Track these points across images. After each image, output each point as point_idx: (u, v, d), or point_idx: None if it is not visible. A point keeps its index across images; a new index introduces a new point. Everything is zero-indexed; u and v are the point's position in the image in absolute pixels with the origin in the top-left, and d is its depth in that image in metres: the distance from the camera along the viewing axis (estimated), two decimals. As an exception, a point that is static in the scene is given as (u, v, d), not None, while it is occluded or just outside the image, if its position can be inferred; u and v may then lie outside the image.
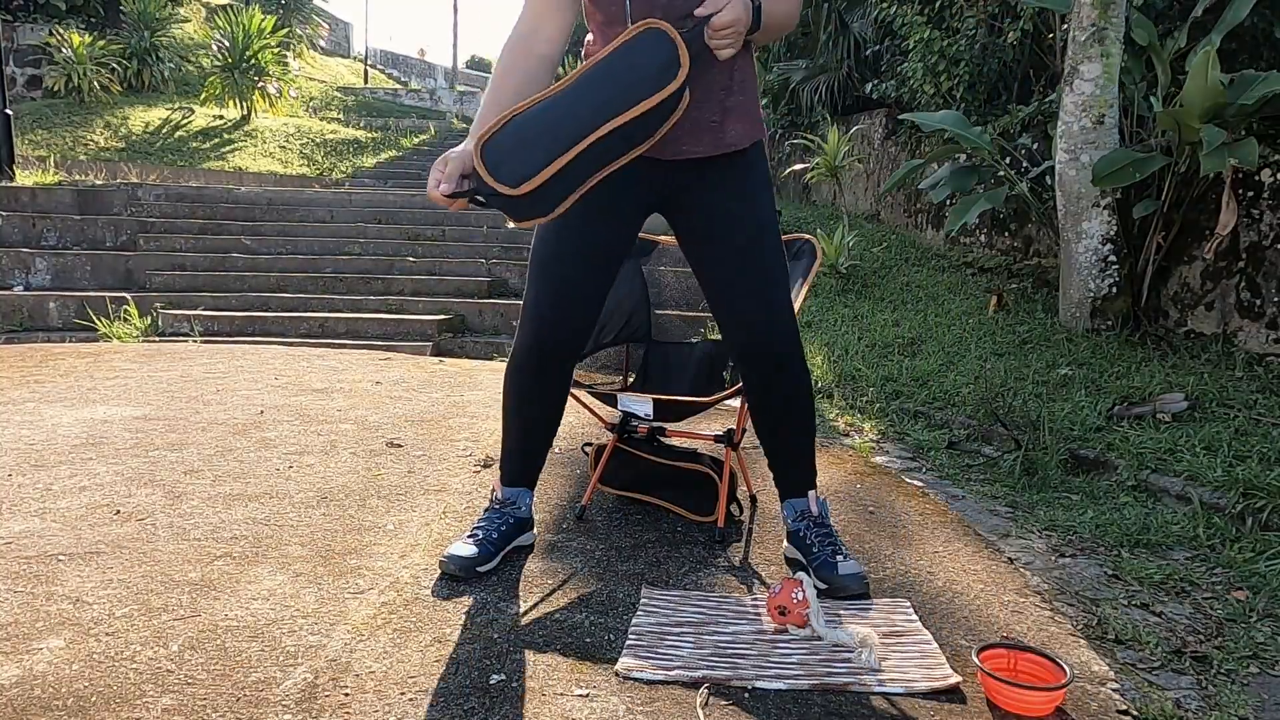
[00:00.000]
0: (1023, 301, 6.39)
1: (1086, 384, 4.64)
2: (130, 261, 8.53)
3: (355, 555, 2.46)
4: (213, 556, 2.40)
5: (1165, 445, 3.80)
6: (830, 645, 2.04)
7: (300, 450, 3.41)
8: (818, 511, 2.49)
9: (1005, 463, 3.91)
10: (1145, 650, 2.30)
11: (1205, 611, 2.55)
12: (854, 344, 5.86)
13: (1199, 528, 3.10)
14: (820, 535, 2.43)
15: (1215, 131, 4.58)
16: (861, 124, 10.46)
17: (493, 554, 2.40)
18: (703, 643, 2.04)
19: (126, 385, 4.46)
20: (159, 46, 17.55)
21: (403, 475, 3.17)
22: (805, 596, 2.07)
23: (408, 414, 4.06)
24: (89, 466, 3.12)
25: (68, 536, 2.50)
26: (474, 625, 2.09)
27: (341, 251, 9.13)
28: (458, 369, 5.33)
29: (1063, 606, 2.50)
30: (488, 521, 2.46)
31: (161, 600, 2.14)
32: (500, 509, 2.49)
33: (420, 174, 16.40)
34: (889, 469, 3.71)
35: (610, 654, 1.99)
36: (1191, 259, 5.31)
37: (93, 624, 2.01)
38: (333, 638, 2.00)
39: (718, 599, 2.28)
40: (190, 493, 2.89)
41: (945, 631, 2.16)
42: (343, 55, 30.86)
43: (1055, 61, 7.18)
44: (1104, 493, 3.57)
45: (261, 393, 4.37)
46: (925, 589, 2.41)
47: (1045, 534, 3.16)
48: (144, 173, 12.03)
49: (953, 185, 6.56)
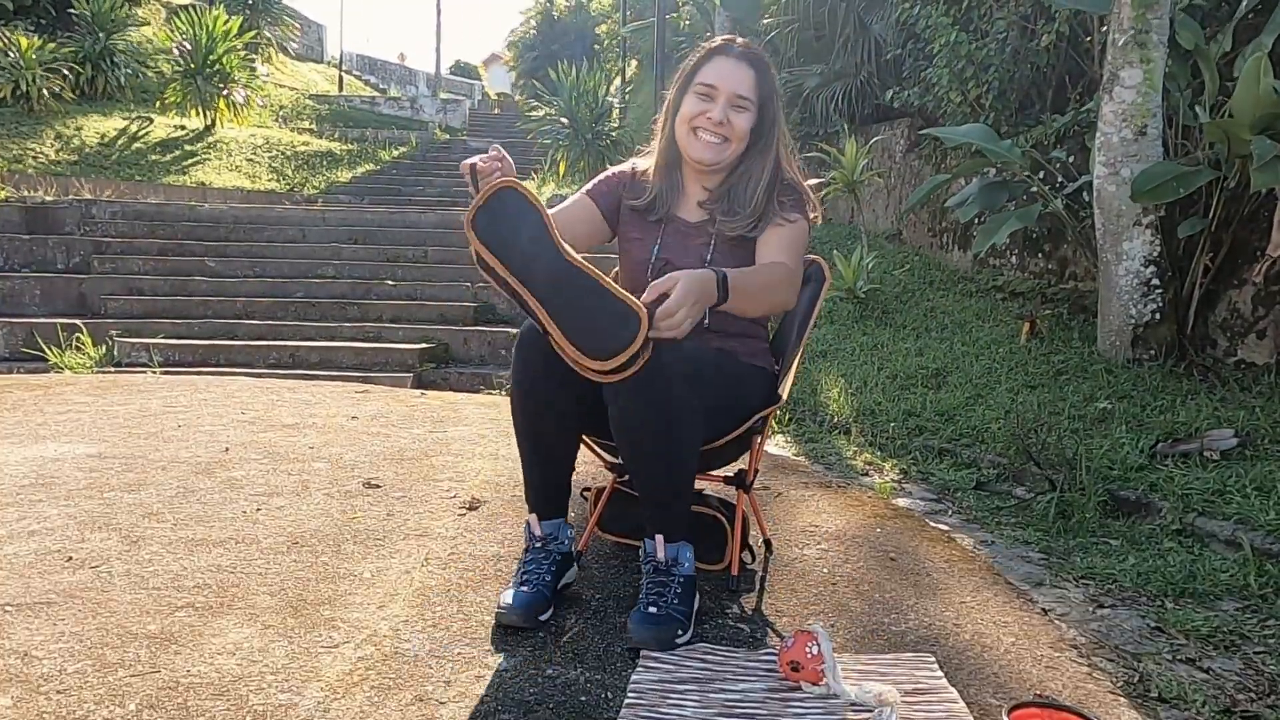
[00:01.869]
0: (1057, 329, 6.43)
1: (1127, 419, 4.67)
2: (83, 285, 8.59)
3: (329, 605, 2.48)
4: (174, 607, 2.42)
5: (1213, 486, 3.82)
6: (847, 704, 2.05)
7: (269, 491, 3.43)
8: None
9: (1039, 505, 3.93)
10: (1191, 709, 2.31)
11: (1257, 667, 2.56)
12: (873, 375, 5.89)
13: (1250, 576, 3.12)
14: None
15: (1267, 144, 4.62)
16: (882, 135, 10.53)
17: (549, 598, 2.46)
18: (709, 701, 2.06)
19: (79, 420, 4.48)
20: (115, 50, 17.66)
21: (381, 518, 3.19)
22: (820, 651, 2.09)
23: (386, 452, 4.08)
24: (38, 509, 3.15)
25: (15, 585, 2.52)
26: (459, 682, 2.11)
27: (314, 274, 9.18)
28: (441, 402, 5.36)
29: (1101, 662, 2.51)
30: (535, 563, 2.51)
31: (118, 655, 2.15)
32: (543, 547, 2.55)
33: (400, 189, 16.50)
34: (912, 511, 3.74)
35: (608, 713, 2.01)
36: (1241, 282, 5.35)
37: (42, 680, 2.03)
38: (305, 695, 2.02)
39: (725, 653, 2.30)
40: (149, 537, 2.91)
41: (973, 689, 2.18)
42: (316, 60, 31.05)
43: (1093, 67, 7.26)
44: (1146, 538, 3.59)
45: (227, 428, 4.40)
46: (951, 642, 2.43)
47: (1082, 583, 3.17)
48: (98, 188, 12.10)
49: (981, 202, 6.62)
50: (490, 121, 27.58)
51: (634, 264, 2.77)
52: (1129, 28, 5.40)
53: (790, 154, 2.77)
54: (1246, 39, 5.55)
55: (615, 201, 2.81)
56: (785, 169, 2.73)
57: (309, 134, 19.80)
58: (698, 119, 2.63)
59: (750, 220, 2.65)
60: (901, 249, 9.71)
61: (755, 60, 2.67)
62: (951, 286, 8.06)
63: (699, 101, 2.64)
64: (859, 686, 2.07)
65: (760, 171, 2.67)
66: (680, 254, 2.69)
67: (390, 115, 24.74)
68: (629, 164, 2.90)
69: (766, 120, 2.68)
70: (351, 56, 34.24)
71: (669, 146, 2.76)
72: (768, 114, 2.68)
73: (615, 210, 2.82)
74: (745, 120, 2.64)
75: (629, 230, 2.81)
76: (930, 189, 6.90)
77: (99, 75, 17.48)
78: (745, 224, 2.66)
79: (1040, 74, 8.03)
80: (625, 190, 2.82)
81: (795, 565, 2.92)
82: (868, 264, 7.82)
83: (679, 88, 2.71)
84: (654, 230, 2.76)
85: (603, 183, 2.84)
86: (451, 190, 16.15)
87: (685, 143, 2.69)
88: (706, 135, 2.64)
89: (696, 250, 2.70)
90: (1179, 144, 5.87)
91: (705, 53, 2.70)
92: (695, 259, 2.67)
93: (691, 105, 2.65)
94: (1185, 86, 5.76)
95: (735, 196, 2.69)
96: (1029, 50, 7.89)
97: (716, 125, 2.62)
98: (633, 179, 2.83)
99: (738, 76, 2.63)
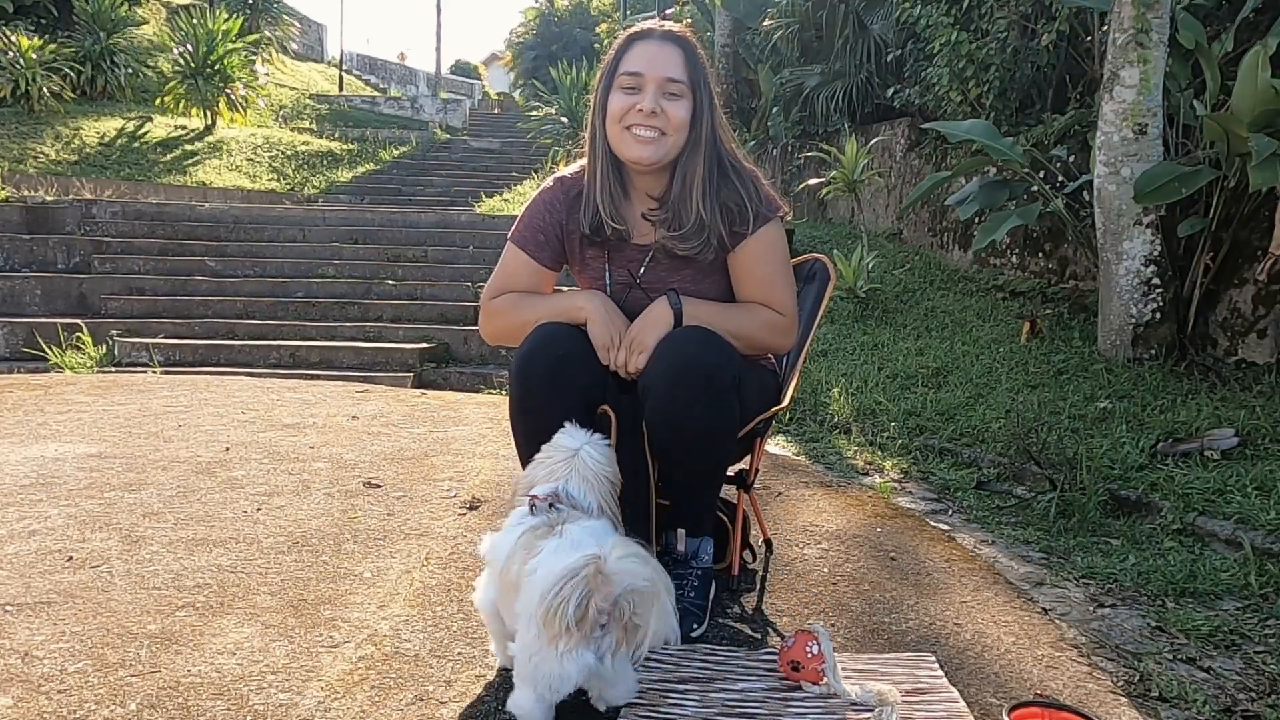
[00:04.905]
0: (1058, 328, 6.43)
1: (1128, 418, 4.67)
2: (84, 285, 8.59)
3: (329, 605, 2.48)
4: (174, 607, 2.42)
5: (1214, 485, 3.82)
6: (848, 704, 2.05)
7: (269, 491, 3.44)
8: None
9: (1039, 504, 3.93)
10: (1192, 709, 2.31)
11: (1257, 667, 2.56)
12: (873, 375, 5.89)
13: (1250, 575, 3.12)
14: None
15: (1266, 142, 4.62)
16: (882, 135, 10.54)
17: None
18: (709, 700, 2.06)
19: (80, 420, 4.49)
20: (115, 50, 17.70)
21: (381, 518, 3.19)
22: (821, 650, 2.09)
23: (387, 451, 4.08)
24: (39, 509, 3.15)
25: (16, 585, 2.52)
26: (459, 682, 2.11)
27: (315, 274, 9.19)
28: (441, 402, 5.36)
29: (1102, 661, 2.51)
30: None
31: (118, 654, 2.16)
32: None
33: (401, 189, 16.51)
34: (912, 511, 3.74)
35: (609, 711, 2.01)
36: (1242, 282, 5.35)
37: (43, 680, 2.03)
38: (305, 695, 2.02)
39: (726, 653, 2.30)
40: (149, 537, 2.91)
41: (974, 688, 2.18)
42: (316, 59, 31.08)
43: (1094, 66, 7.26)
44: (1147, 537, 3.59)
45: (227, 428, 4.40)
46: (952, 642, 2.43)
47: (1083, 582, 3.18)
48: (99, 188, 12.11)
49: (981, 201, 6.62)
50: (491, 121, 27.60)
51: (592, 284, 2.61)
52: (1129, 27, 5.40)
53: (734, 144, 2.55)
54: (1249, 38, 5.55)
55: (558, 245, 2.59)
56: (732, 161, 2.50)
57: (309, 134, 19.82)
58: (628, 115, 2.38)
59: (698, 241, 2.43)
60: (902, 248, 9.71)
61: (680, 40, 2.43)
62: (952, 286, 8.07)
63: (625, 96, 2.39)
64: (859, 686, 2.07)
65: (696, 169, 2.43)
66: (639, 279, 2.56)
67: (390, 115, 24.76)
68: (555, 184, 2.61)
69: (699, 108, 2.42)
70: (352, 56, 34.25)
71: (603, 155, 2.48)
72: (700, 101, 2.42)
73: (560, 254, 2.60)
74: (681, 108, 2.39)
75: (580, 256, 2.62)
76: (930, 187, 6.90)
77: (99, 75, 17.50)
78: (693, 245, 2.44)
79: (1041, 73, 8.03)
80: (566, 222, 2.58)
81: (795, 565, 2.92)
82: (868, 263, 7.83)
83: (602, 85, 2.46)
84: (603, 253, 2.57)
85: (536, 231, 2.57)
86: (451, 190, 16.17)
87: (619, 144, 2.43)
88: (640, 130, 2.38)
89: (654, 275, 2.54)
90: (1180, 143, 5.87)
91: (624, 40, 2.46)
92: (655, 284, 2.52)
93: (619, 101, 2.40)
94: (1186, 85, 5.76)
95: (678, 209, 2.44)
96: (1029, 49, 7.89)
97: (649, 117, 2.36)
98: (568, 204, 2.57)
99: (663, 59, 2.39)
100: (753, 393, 2.59)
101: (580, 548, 1.78)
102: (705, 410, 2.29)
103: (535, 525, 1.95)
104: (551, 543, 1.85)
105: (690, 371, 2.26)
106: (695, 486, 2.49)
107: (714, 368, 2.27)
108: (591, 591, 1.69)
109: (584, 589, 1.69)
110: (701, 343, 2.29)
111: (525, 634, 1.78)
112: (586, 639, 1.71)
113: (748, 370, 2.58)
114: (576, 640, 1.70)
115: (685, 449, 2.37)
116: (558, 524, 1.92)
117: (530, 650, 1.76)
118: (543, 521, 1.95)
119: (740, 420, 2.50)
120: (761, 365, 2.73)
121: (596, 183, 2.49)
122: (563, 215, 2.57)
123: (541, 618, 1.71)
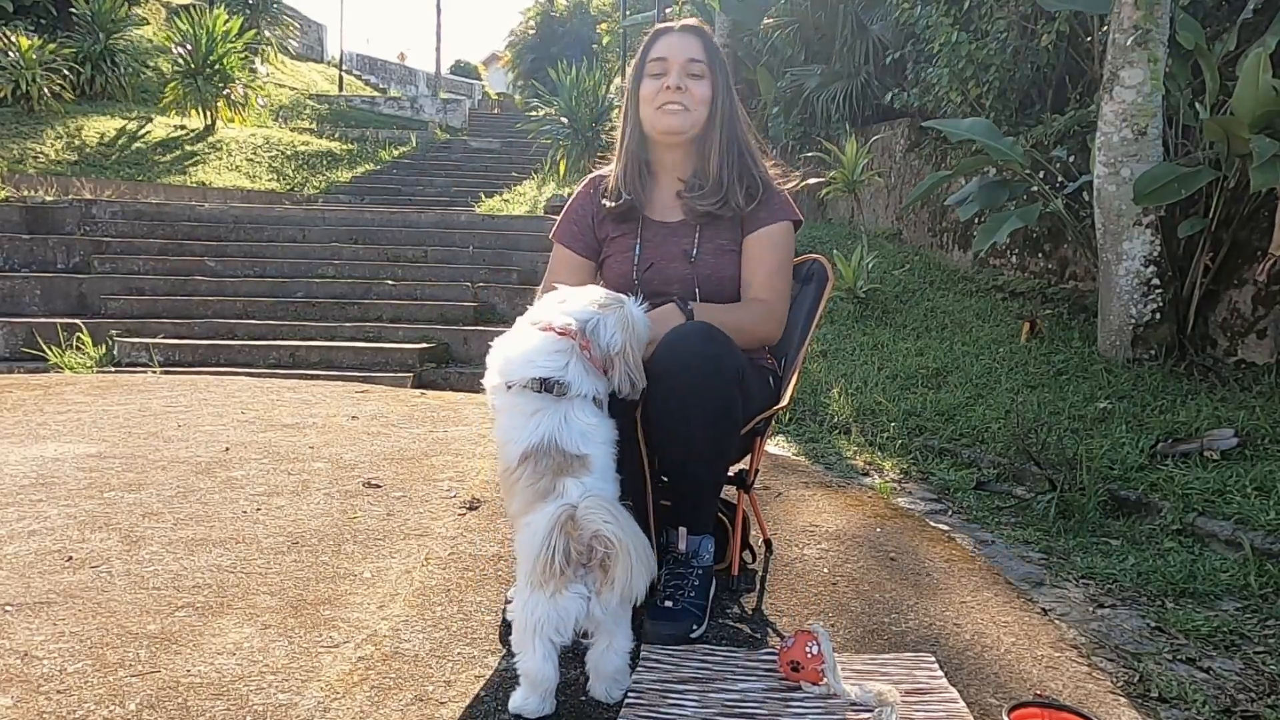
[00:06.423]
0: (1058, 329, 6.43)
1: (1127, 419, 4.67)
2: (84, 285, 8.59)
3: (329, 605, 2.48)
4: (173, 607, 2.42)
5: (1214, 486, 3.83)
6: (848, 704, 2.05)
7: (269, 491, 3.44)
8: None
9: (1039, 505, 3.93)
10: (1192, 709, 2.31)
11: (1257, 667, 2.57)
12: (873, 375, 5.89)
13: (1250, 576, 3.12)
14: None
15: (1266, 143, 4.62)
16: (882, 135, 10.54)
17: None
18: (709, 701, 2.06)
19: (80, 420, 4.48)
20: (115, 50, 17.68)
21: (381, 518, 3.19)
22: (821, 650, 2.09)
23: (386, 451, 4.08)
24: (38, 509, 3.15)
25: (15, 585, 2.52)
26: (459, 682, 2.11)
27: (314, 274, 9.18)
28: (441, 402, 5.36)
29: (1101, 661, 2.52)
30: None
31: (118, 655, 2.16)
32: None
33: (400, 189, 16.51)
34: (911, 511, 3.74)
35: (607, 712, 2.01)
36: (1242, 282, 5.35)
37: (43, 680, 2.03)
38: (305, 695, 2.02)
39: (725, 653, 2.30)
40: (149, 537, 2.91)
41: (973, 689, 2.18)
42: (316, 59, 31.06)
43: (1094, 67, 7.26)
44: (1146, 537, 3.59)
45: (227, 428, 4.40)
46: (951, 642, 2.43)
47: (1082, 582, 3.18)
48: (99, 188, 12.10)
49: (982, 201, 6.62)
50: (490, 121, 27.57)
51: (617, 275, 2.76)
52: (1130, 27, 5.40)
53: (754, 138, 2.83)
54: (1250, 39, 5.55)
55: (590, 236, 2.82)
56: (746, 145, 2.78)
57: (309, 134, 19.81)
58: (659, 95, 2.69)
59: (716, 198, 2.70)
60: (902, 249, 9.71)
61: (698, 31, 2.77)
62: (952, 286, 8.07)
63: (654, 80, 2.71)
64: (859, 686, 2.08)
65: (715, 140, 2.73)
66: (662, 256, 2.72)
67: (390, 115, 24.76)
68: (588, 182, 2.90)
69: (717, 88, 2.73)
70: (352, 56, 34.24)
71: (636, 139, 2.79)
72: (718, 82, 2.73)
73: (594, 244, 2.83)
74: (703, 86, 2.71)
75: (610, 243, 2.81)
76: (930, 186, 6.90)
77: (99, 75, 17.49)
78: (712, 201, 2.70)
79: (1041, 74, 8.04)
80: (596, 212, 2.82)
81: (795, 565, 2.92)
82: (868, 264, 7.82)
83: (634, 76, 2.78)
84: (632, 236, 2.77)
85: (570, 223, 2.85)
86: (451, 190, 16.17)
87: (651, 121, 2.73)
88: (669, 105, 2.69)
89: (679, 249, 2.73)
90: (1180, 144, 5.87)
91: (650, 35, 2.80)
92: (679, 258, 2.71)
93: (649, 86, 2.72)
94: (1186, 86, 5.76)
95: (700, 176, 2.75)
96: (1029, 50, 7.89)
97: (675, 92, 2.67)
98: (597, 197, 2.84)
99: (684, 45, 2.71)
100: (753, 391, 2.61)
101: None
102: (710, 401, 2.34)
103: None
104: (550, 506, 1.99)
105: (697, 362, 2.33)
106: (697, 481, 2.51)
107: (718, 359, 2.34)
108: (568, 538, 1.91)
109: (564, 538, 1.91)
110: (706, 337, 2.36)
111: (521, 592, 1.97)
112: (572, 579, 1.91)
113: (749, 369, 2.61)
114: (565, 580, 1.90)
115: (688, 441, 2.40)
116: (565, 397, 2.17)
117: (529, 605, 1.93)
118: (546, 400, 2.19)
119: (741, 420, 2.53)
120: (761, 364, 2.74)
121: (623, 160, 2.80)
122: (593, 207, 2.83)
123: (533, 570, 1.92)
